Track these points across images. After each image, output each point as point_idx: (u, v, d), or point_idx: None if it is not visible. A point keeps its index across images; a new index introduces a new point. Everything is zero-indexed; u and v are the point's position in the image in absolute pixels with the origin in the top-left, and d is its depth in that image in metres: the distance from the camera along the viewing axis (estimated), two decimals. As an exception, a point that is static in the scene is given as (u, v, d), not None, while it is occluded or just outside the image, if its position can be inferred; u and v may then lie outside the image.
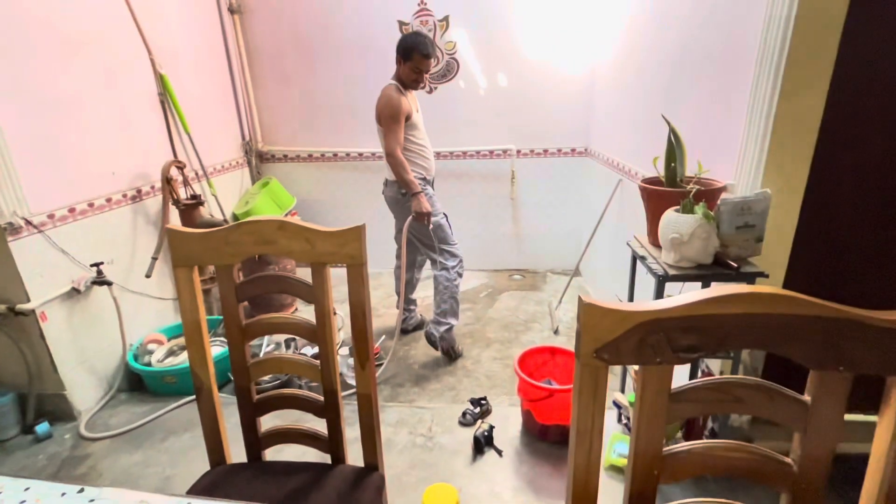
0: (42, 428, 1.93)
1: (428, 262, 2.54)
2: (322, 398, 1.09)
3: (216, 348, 2.32)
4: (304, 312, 2.97)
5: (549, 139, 3.29)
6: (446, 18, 3.09)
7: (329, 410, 1.09)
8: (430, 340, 2.40)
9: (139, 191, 2.38)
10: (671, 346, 0.61)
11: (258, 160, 3.46)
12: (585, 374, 0.63)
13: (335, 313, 2.52)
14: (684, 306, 0.60)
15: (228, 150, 3.21)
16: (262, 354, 2.34)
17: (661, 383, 0.63)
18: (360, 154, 3.41)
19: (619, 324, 0.61)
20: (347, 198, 3.51)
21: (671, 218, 1.40)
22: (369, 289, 1.03)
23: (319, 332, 1.04)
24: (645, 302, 0.62)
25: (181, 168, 2.56)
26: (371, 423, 1.07)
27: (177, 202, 2.47)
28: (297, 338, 2.45)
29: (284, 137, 3.43)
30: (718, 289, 0.60)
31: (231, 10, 3.14)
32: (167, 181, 2.44)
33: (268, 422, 1.13)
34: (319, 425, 1.11)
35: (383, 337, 2.62)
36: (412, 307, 2.74)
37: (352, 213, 3.53)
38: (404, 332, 2.72)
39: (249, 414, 1.12)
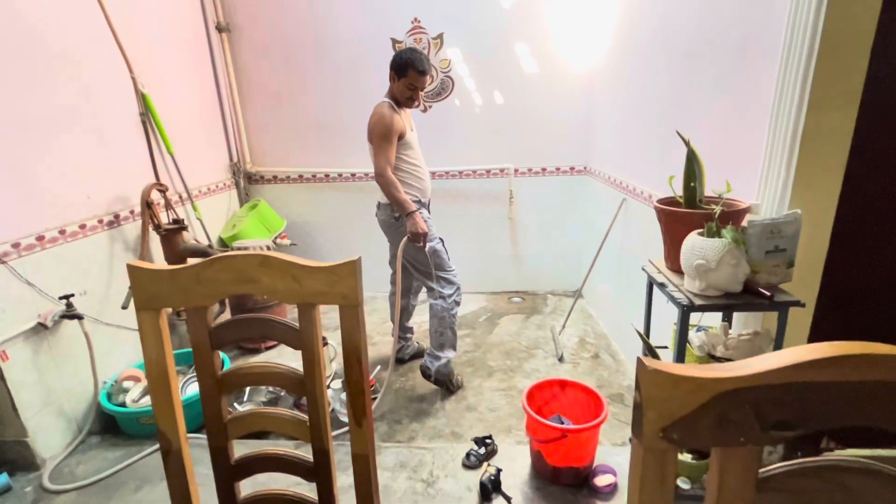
0: (0, 480, 1.73)
1: (424, 289, 2.40)
2: (311, 459, 0.93)
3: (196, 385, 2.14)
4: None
5: (548, 157, 3.20)
6: (440, 36, 3.02)
7: (320, 473, 0.93)
8: (426, 375, 2.28)
9: (117, 216, 2.22)
10: (760, 423, 0.47)
11: (246, 182, 3.33)
12: (650, 459, 0.49)
13: (326, 343, 2.38)
14: (779, 371, 0.46)
15: (215, 172, 3.07)
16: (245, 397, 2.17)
17: (745, 471, 0.49)
18: (353, 175, 3.29)
19: (693, 395, 0.47)
20: (340, 219, 3.39)
21: (695, 242, 1.28)
22: (366, 332, 0.88)
23: (308, 384, 0.89)
24: (723, 366, 0.48)
25: (163, 191, 2.41)
26: (369, 490, 0.92)
27: (158, 227, 2.32)
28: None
29: (274, 158, 3.32)
30: (828, 347, 0.46)
31: (219, 29, 3.04)
32: (147, 205, 2.29)
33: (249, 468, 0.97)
34: (309, 487, 0.95)
35: (378, 367, 2.47)
36: (409, 335, 2.60)
37: (344, 235, 3.40)
38: (400, 361, 2.57)
39: (226, 479, 0.96)
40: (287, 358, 2.64)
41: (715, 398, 0.47)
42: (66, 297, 1.91)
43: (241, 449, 0.95)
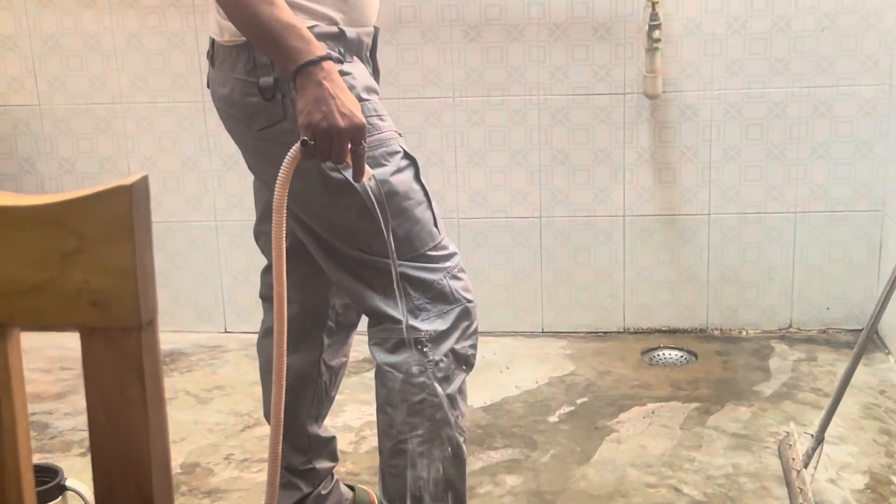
0: None
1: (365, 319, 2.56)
2: None
3: None
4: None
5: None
6: None
7: None
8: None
9: None
10: None
11: None
12: None
13: (58, 483, 2.34)
14: None
15: None
16: None
17: None
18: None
19: None
20: (108, 106, 3.81)
21: None
22: (164, 408, 0.82)
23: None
24: None
25: None
26: None
27: None
28: None
29: None
30: None
31: None
32: None
33: None
34: None
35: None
36: (317, 464, 2.72)
37: (123, 153, 3.83)
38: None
39: None
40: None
41: None
42: None
43: None
